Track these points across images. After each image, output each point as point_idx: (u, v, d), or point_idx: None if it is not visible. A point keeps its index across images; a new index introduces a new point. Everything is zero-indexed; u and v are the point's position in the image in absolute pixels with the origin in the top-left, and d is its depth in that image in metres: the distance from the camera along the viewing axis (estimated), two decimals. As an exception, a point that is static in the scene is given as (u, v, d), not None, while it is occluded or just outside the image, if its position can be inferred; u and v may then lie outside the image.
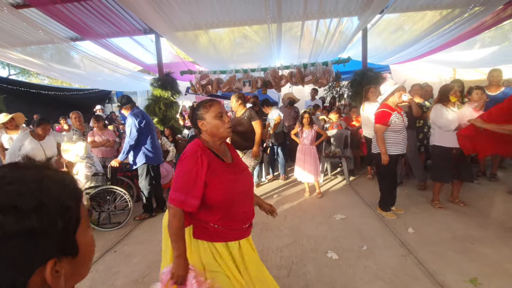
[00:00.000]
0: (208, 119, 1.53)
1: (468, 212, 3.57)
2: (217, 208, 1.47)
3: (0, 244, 0.40)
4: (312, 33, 5.85)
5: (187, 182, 1.39)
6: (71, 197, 0.48)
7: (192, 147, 1.48)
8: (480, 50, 7.68)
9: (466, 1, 4.58)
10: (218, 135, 1.54)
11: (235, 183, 1.50)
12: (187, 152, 1.46)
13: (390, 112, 3.33)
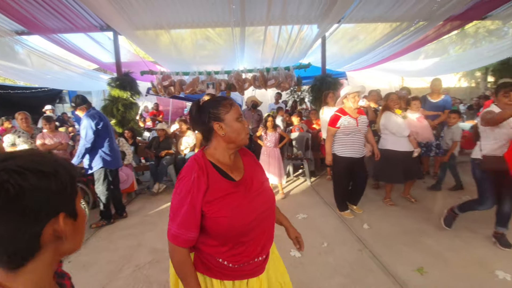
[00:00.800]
0: (229, 121, 1.21)
1: (416, 207, 3.93)
2: (221, 239, 1.19)
3: (27, 194, 0.53)
4: (275, 38, 6.01)
5: (180, 211, 1.13)
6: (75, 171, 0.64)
7: (189, 166, 1.20)
8: (424, 61, 8.47)
9: (412, 16, 5.04)
10: (237, 142, 1.24)
11: (248, 208, 1.20)
12: (183, 172, 1.19)
13: (340, 115, 3.50)
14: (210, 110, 1.22)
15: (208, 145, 1.27)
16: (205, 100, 1.27)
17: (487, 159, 2.76)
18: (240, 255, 1.20)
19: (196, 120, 1.25)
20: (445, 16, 4.90)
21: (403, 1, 4.70)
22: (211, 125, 1.21)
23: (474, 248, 2.86)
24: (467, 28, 7.47)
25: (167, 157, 5.23)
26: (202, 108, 1.24)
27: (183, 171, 1.19)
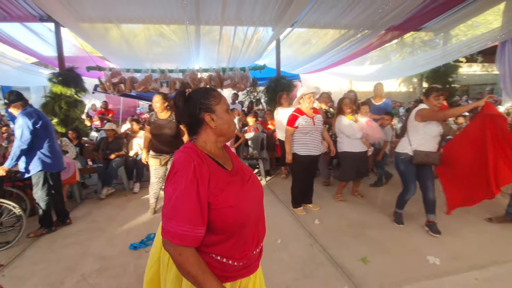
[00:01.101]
0: (220, 113, 1.17)
1: (361, 202, 4.24)
2: (225, 233, 1.11)
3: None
4: (230, 39, 6.03)
5: (186, 206, 1.01)
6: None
7: (182, 156, 1.09)
8: (369, 66, 9.16)
9: (358, 25, 5.43)
10: (227, 135, 1.21)
11: (246, 196, 1.16)
12: (177, 164, 1.07)
13: (298, 115, 3.65)
14: (201, 101, 1.15)
15: (195, 138, 1.19)
16: (192, 90, 1.22)
17: (417, 153, 3.10)
18: (243, 249, 1.15)
19: (184, 111, 1.17)
20: (386, 26, 5.36)
21: (349, 11, 5.04)
22: (202, 116, 1.15)
23: (411, 237, 3.16)
24: (405, 38, 8.26)
25: (117, 159, 4.94)
26: (190, 99, 1.17)
27: (177, 163, 1.08)
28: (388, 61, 9.10)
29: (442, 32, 6.82)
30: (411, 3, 4.51)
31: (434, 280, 2.42)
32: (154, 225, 3.64)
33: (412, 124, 3.18)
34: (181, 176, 1.04)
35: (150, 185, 3.99)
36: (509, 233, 3.13)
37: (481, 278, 2.42)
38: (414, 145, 3.14)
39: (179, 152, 1.12)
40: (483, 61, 8.89)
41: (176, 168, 1.06)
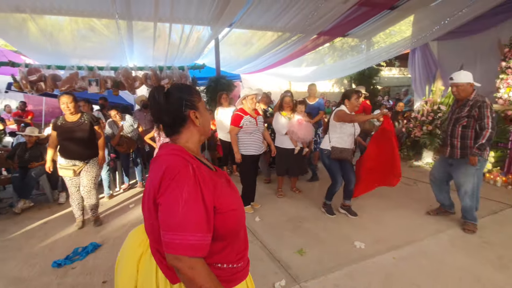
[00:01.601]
0: (202, 110, 1.10)
1: (299, 197, 4.47)
2: (227, 239, 1.03)
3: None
4: (168, 37, 5.81)
5: (194, 213, 0.90)
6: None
7: (176, 159, 0.98)
8: (306, 68, 9.70)
9: (292, 28, 5.71)
10: (207, 134, 1.16)
11: (237, 196, 1.10)
12: (171, 170, 0.95)
13: (242, 115, 3.67)
14: (186, 97, 1.07)
15: (175, 138, 1.09)
16: (172, 85, 1.12)
17: (334, 149, 3.45)
18: (242, 251, 1.10)
19: (166, 108, 1.05)
20: (317, 31, 5.75)
21: (283, 15, 5.29)
22: (187, 114, 1.06)
23: (341, 226, 3.44)
24: (336, 43, 8.93)
25: (38, 167, 4.38)
26: (172, 95, 1.06)
27: (171, 167, 0.95)
28: (322, 64, 9.74)
29: (365, 39, 7.56)
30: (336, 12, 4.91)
31: (360, 263, 2.67)
32: (82, 239, 3.32)
33: (331, 123, 3.53)
34: (181, 181, 0.92)
35: (70, 197, 3.58)
36: (421, 217, 3.60)
37: (398, 257, 2.75)
38: (332, 142, 3.48)
39: (168, 156, 1.01)
40: (400, 65, 10.14)
41: (171, 174, 0.94)
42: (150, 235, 1.06)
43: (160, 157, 1.03)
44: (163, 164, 0.97)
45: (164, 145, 1.08)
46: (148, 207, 1.00)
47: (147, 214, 1.04)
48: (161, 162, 0.99)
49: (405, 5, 5.69)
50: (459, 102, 3.18)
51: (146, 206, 1.03)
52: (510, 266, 2.54)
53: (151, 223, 1.02)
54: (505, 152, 4.78)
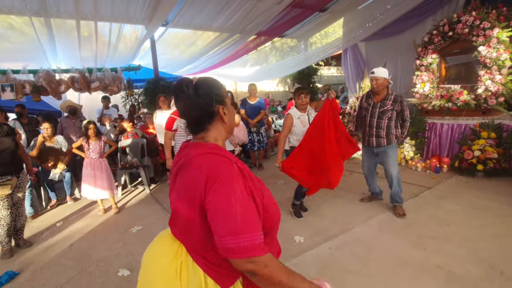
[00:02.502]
0: (229, 106, 1.04)
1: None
2: (269, 234, 1.00)
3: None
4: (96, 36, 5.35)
5: (251, 212, 0.86)
6: None
7: (217, 159, 0.91)
8: (250, 68, 9.78)
9: (230, 28, 5.68)
10: (232, 131, 1.10)
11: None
12: (214, 169, 0.87)
13: (176, 117, 3.52)
14: (215, 92, 0.99)
15: (201, 136, 1.02)
16: (199, 79, 1.01)
17: (291, 148, 3.50)
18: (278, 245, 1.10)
19: (196, 103, 0.97)
20: (254, 31, 5.81)
21: (221, 15, 5.26)
22: (216, 109, 0.99)
23: (283, 222, 3.48)
24: (276, 43, 9.17)
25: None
26: (201, 88, 0.98)
27: (214, 167, 0.88)
28: (265, 64, 9.93)
29: (303, 39, 7.88)
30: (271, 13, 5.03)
31: (298, 257, 2.75)
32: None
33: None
34: (230, 182, 0.86)
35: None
36: (355, 206, 3.85)
37: (334, 246, 2.90)
38: (291, 142, 3.53)
39: (207, 155, 0.92)
40: (336, 64, 10.79)
41: (215, 174, 0.86)
42: (190, 243, 0.99)
43: (195, 157, 0.94)
44: (203, 166, 0.90)
45: (195, 145, 1.00)
46: (189, 216, 0.93)
47: (184, 224, 0.97)
48: (199, 163, 0.91)
49: (335, 8, 6.05)
50: (376, 97, 3.47)
51: (184, 215, 0.96)
52: (428, 244, 2.83)
53: (194, 230, 0.94)
54: (423, 141, 5.37)
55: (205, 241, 0.93)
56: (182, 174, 0.98)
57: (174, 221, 1.04)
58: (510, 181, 4.32)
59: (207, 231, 0.90)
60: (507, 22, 4.72)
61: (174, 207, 1.03)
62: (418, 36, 5.89)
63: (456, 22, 5.10)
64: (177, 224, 1.02)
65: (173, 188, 1.04)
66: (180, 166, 1.00)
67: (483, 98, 4.85)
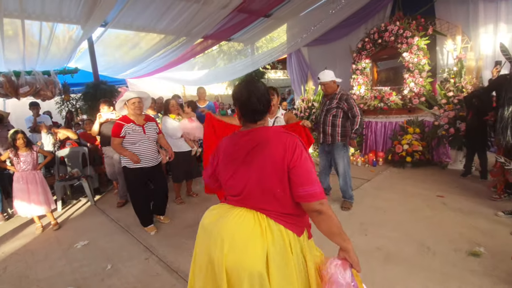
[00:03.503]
0: None
1: (197, 201, 4.42)
2: None
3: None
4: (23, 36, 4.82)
5: (315, 171, 1.29)
6: None
7: (289, 135, 1.29)
8: (198, 71, 9.66)
9: (174, 31, 5.58)
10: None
11: None
12: (292, 141, 1.26)
13: (123, 123, 3.24)
14: (267, 95, 1.36)
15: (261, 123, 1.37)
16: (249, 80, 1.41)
17: None
18: None
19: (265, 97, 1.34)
20: (200, 35, 5.80)
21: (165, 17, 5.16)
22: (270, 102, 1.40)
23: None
24: (223, 46, 9.23)
25: None
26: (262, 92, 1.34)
27: (292, 141, 1.25)
28: (213, 67, 9.90)
29: (250, 44, 8.08)
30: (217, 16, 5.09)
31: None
32: None
33: None
34: (303, 150, 1.26)
35: None
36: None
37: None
38: None
39: (281, 134, 1.29)
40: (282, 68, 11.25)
41: (296, 145, 1.25)
42: (270, 208, 1.28)
43: (273, 136, 1.29)
44: (283, 139, 1.26)
45: (262, 129, 1.34)
46: (278, 177, 1.24)
47: (266, 194, 1.27)
48: (279, 138, 1.27)
49: (278, 13, 6.34)
50: (328, 96, 3.71)
51: (267, 184, 1.26)
52: (368, 229, 3.15)
53: (275, 196, 1.26)
54: (362, 138, 5.91)
55: (287, 200, 1.26)
56: (262, 150, 1.27)
57: (248, 197, 1.31)
58: (432, 170, 4.99)
59: (287, 190, 1.25)
60: (424, 32, 5.46)
61: (247, 183, 1.30)
62: (353, 43, 6.48)
63: (384, 31, 5.74)
64: (255, 195, 1.29)
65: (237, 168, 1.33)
66: (254, 146, 1.29)
67: (408, 98, 5.53)
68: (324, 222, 1.24)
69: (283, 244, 1.25)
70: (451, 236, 2.90)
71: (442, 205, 3.62)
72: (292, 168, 1.22)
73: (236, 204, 1.36)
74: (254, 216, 1.29)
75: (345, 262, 1.26)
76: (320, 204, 1.21)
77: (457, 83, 5.06)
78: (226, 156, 1.41)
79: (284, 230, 1.27)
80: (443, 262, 2.50)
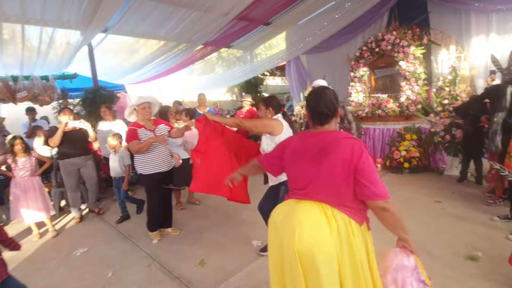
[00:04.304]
0: None
1: (199, 208, 4.39)
2: None
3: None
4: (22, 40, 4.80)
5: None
6: None
7: (356, 141, 1.44)
8: (198, 77, 9.71)
9: (176, 37, 5.62)
10: None
11: None
12: (359, 147, 1.40)
13: (136, 129, 3.21)
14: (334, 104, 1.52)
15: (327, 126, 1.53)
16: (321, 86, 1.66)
17: None
18: None
19: (334, 102, 1.51)
20: (201, 42, 5.84)
21: (166, 24, 5.18)
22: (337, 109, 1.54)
23: (240, 229, 3.54)
24: (222, 53, 9.30)
25: None
26: (335, 94, 1.56)
27: (358, 146, 1.40)
28: (213, 73, 9.97)
29: (249, 51, 8.15)
30: (218, 24, 5.14)
31: (258, 260, 2.83)
32: None
33: None
34: (368, 154, 1.39)
35: None
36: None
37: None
38: None
39: (349, 138, 1.44)
40: (281, 74, 11.36)
41: (360, 149, 1.38)
42: (336, 200, 1.43)
43: (342, 140, 1.43)
44: (351, 143, 1.41)
45: (330, 132, 1.50)
46: (339, 180, 1.39)
47: (333, 188, 1.42)
48: (348, 142, 1.42)
49: (278, 22, 6.43)
50: None
51: (336, 180, 1.40)
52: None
53: (342, 190, 1.40)
54: (360, 144, 5.96)
55: (349, 195, 1.40)
56: (332, 151, 1.42)
57: (314, 191, 1.47)
58: (429, 175, 5.05)
59: (350, 188, 1.39)
60: (420, 41, 5.58)
61: (315, 179, 1.45)
62: (351, 51, 6.58)
63: (381, 40, 5.85)
64: (322, 189, 1.44)
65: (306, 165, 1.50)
66: (324, 146, 1.45)
67: (405, 105, 5.62)
68: (389, 218, 1.41)
69: (346, 230, 1.40)
70: (449, 240, 2.94)
71: (440, 210, 3.67)
72: (360, 170, 1.36)
73: (300, 197, 1.51)
74: (319, 206, 1.44)
75: (405, 249, 1.46)
76: (385, 202, 1.37)
77: (452, 91, 5.17)
78: (295, 152, 1.57)
79: (347, 218, 1.41)
80: (442, 265, 2.53)
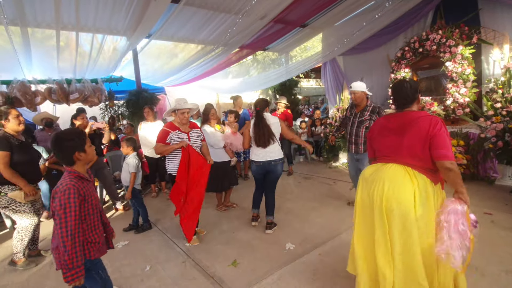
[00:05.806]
0: None
1: (233, 210, 4.40)
2: None
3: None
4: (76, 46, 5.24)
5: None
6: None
7: (432, 117, 1.85)
8: (232, 80, 9.87)
9: (214, 41, 5.77)
10: None
11: None
12: (437, 121, 1.80)
13: (170, 130, 3.30)
14: (414, 93, 1.95)
15: (410, 108, 1.97)
16: (411, 80, 2.15)
17: None
18: None
19: (413, 91, 1.94)
20: (238, 45, 5.94)
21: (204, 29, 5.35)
22: (417, 96, 1.97)
23: (274, 232, 3.53)
24: (258, 56, 9.37)
25: None
26: (414, 85, 1.98)
27: (434, 120, 1.81)
28: (247, 76, 10.07)
29: (284, 53, 8.14)
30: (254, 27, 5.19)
31: (290, 264, 2.79)
32: None
33: None
34: (441, 125, 1.79)
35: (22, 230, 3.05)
36: (341, 212, 3.95)
37: (323, 252, 2.97)
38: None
39: (428, 116, 1.86)
40: (315, 77, 11.18)
41: (436, 122, 1.79)
42: (417, 162, 1.83)
43: (421, 117, 1.85)
44: (430, 118, 1.83)
45: (410, 112, 1.93)
46: (418, 146, 1.82)
47: (414, 152, 1.83)
48: (426, 117, 1.84)
49: (314, 24, 6.34)
50: (357, 107, 3.75)
51: (416, 147, 1.82)
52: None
53: (420, 154, 1.82)
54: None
55: (426, 159, 1.80)
56: (414, 125, 1.84)
57: (398, 156, 1.89)
58: (478, 185, 4.65)
59: (427, 152, 1.79)
60: (469, 41, 5.18)
61: (399, 146, 1.88)
62: (391, 52, 6.29)
63: (425, 40, 5.52)
64: (405, 155, 1.86)
65: (391, 136, 1.95)
66: (407, 122, 1.89)
67: (452, 109, 5.24)
68: (452, 176, 1.74)
69: (424, 188, 1.79)
70: (501, 256, 2.67)
71: (491, 223, 3.35)
72: (433, 136, 1.76)
73: (387, 161, 1.93)
74: (403, 167, 1.85)
75: (460, 200, 1.78)
76: (451, 163, 1.72)
77: (506, 93, 4.71)
78: (382, 128, 2.05)
79: (426, 178, 1.81)
80: (492, 284, 2.31)
